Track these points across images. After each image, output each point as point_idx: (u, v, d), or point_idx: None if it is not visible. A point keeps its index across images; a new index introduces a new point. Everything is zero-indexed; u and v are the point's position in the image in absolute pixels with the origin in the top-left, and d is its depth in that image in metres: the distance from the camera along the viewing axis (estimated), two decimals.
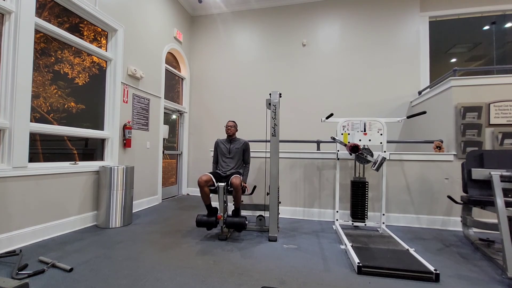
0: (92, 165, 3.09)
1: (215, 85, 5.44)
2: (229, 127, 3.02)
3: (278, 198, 2.80)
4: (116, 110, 3.47)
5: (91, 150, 3.28)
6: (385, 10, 4.71)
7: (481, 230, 3.07)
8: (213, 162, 3.15)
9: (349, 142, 3.00)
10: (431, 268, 1.88)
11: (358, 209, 3.05)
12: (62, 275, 1.82)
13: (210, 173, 2.81)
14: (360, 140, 2.97)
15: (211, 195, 2.84)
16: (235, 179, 2.66)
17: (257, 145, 4.93)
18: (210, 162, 5.32)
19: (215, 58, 5.46)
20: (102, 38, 3.44)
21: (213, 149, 3.36)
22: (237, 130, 3.10)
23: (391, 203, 3.37)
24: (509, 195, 2.30)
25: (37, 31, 2.63)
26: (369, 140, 2.96)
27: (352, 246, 2.36)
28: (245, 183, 2.92)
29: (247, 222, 2.64)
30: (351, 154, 3.02)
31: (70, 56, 3.00)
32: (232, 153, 3.00)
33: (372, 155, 2.92)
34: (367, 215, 3.04)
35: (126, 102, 3.68)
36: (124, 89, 3.62)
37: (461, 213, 2.81)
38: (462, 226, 2.87)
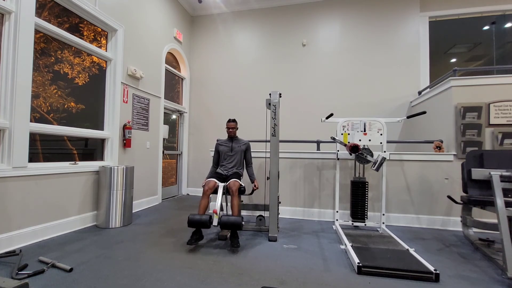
0: (92, 165, 3.09)
1: (215, 85, 5.44)
2: (231, 129, 3.00)
3: (278, 198, 2.80)
4: (116, 110, 3.47)
5: (91, 150, 3.28)
6: (385, 10, 4.71)
7: (481, 230, 3.07)
8: (212, 165, 3.12)
9: (349, 142, 3.00)
10: (431, 268, 1.88)
11: (358, 209, 3.05)
12: (62, 275, 1.82)
13: (211, 177, 2.82)
14: (360, 140, 2.98)
15: (210, 195, 2.83)
16: (233, 184, 2.65)
17: (257, 145, 4.93)
18: (210, 162, 5.32)
19: (215, 58, 5.46)
20: (102, 38, 3.44)
21: (213, 150, 3.34)
22: (237, 128, 3.10)
23: (391, 203, 3.37)
24: (509, 195, 2.30)
25: (37, 31, 2.62)
26: (369, 140, 2.96)
27: (352, 246, 2.36)
28: (256, 182, 2.98)
29: (243, 223, 2.42)
30: (351, 154, 3.02)
31: (70, 56, 3.00)
32: (234, 151, 3.01)
33: (372, 155, 2.93)
34: (367, 215, 3.04)
35: (126, 102, 3.67)
36: (124, 89, 3.62)
37: (461, 213, 2.81)
38: (462, 226, 2.87)
